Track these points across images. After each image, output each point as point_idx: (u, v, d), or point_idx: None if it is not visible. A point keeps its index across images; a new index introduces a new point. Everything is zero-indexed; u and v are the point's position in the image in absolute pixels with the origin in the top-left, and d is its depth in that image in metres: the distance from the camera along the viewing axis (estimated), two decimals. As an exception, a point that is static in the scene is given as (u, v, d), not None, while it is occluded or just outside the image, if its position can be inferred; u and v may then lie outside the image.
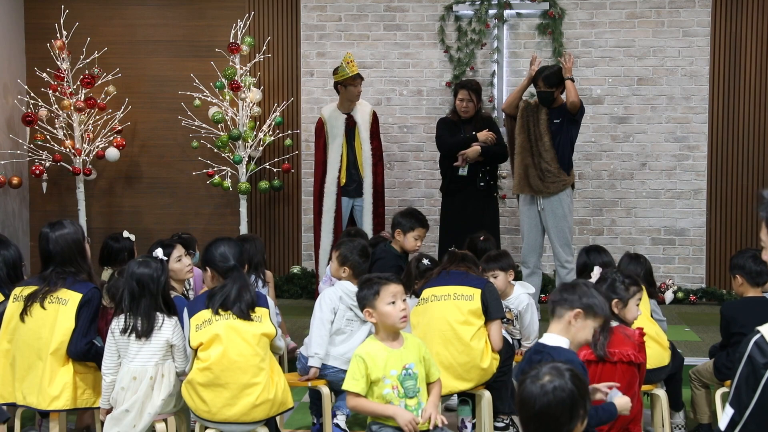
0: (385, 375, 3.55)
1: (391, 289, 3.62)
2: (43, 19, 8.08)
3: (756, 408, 2.19)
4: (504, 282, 5.00)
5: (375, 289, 3.63)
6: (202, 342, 3.90)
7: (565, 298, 3.29)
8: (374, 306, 3.62)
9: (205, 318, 3.96)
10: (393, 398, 3.56)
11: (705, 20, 7.77)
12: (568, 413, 2.41)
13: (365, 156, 7.10)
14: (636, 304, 3.98)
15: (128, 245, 5.44)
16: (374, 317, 3.64)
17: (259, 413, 3.90)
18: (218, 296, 3.98)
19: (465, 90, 6.76)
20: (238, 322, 3.94)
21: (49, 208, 8.25)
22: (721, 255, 7.86)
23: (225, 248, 4.15)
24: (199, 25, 8.16)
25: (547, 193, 6.44)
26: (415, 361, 3.63)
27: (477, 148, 6.67)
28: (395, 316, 3.60)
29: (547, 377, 2.44)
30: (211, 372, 3.87)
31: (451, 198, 6.91)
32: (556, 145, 6.44)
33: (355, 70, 6.97)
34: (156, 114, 8.19)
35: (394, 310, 3.60)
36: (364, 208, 7.11)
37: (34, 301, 4.16)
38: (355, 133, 7.12)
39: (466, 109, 6.76)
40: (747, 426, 2.20)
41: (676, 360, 4.69)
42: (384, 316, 3.60)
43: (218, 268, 4.11)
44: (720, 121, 7.82)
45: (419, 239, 5.59)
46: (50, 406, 4.11)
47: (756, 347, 2.23)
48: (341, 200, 7.13)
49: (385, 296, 3.60)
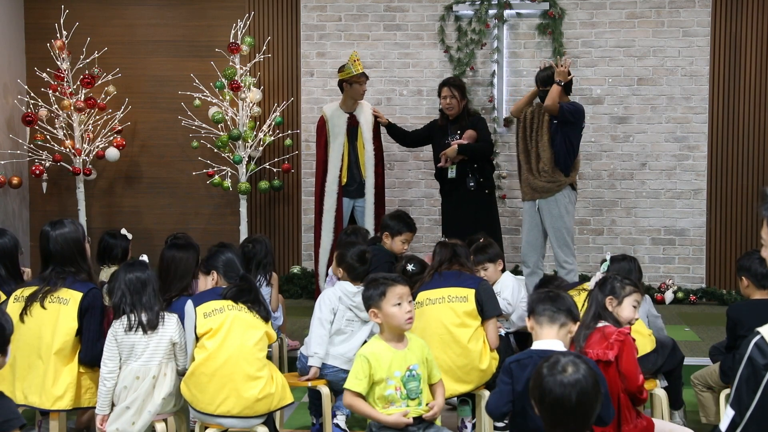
0: (389, 376, 3.56)
1: (398, 291, 3.63)
2: (43, 19, 8.08)
3: (757, 409, 2.19)
4: (495, 273, 5.18)
5: (381, 289, 3.63)
6: (212, 328, 3.94)
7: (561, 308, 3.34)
8: (380, 307, 3.62)
9: (217, 306, 4.00)
10: (395, 399, 3.57)
11: (705, 20, 7.78)
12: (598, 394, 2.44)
13: (368, 156, 7.04)
14: (632, 305, 3.95)
15: (123, 243, 5.43)
16: (379, 318, 3.64)
17: (261, 407, 3.92)
18: (233, 290, 4.05)
19: (447, 87, 6.77)
20: (248, 315, 4.00)
21: (49, 208, 8.26)
22: (721, 255, 7.87)
23: (232, 255, 4.29)
24: (199, 25, 8.16)
25: (543, 192, 6.43)
26: (418, 362, 3.64)
27: (454, 147, 6.66)
28: (401, 317, 3.60)
29: (570, 368, 2.45)
30: (216, 360, 3.88)
31: (446, 200, 6.96)
32: (552, 145, 6.43)
33: (361, 68, 6.96)
34: (156, 114, 8.20)
35: (400, 312, 3.60)
36: (366, 209, 7.06)
37: (34, 301, 4.17)
38: (358, 132, 7.07)
39: (449, 105, 6.75)
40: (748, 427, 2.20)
41: (675, 356, 4.68)
42: (389, 317, 3.60)
43: (226, 274, 4.20)
44: (720, 121, 7.83)
45: (406, 242, 5.65)
46: (54, 406, 4.12)
47: (756, 348, 2.23)
48: (342, 200, 7.08)
49: (391, 297, 3.61)
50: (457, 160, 6.69)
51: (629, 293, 3.95)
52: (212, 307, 4.00)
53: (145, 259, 4.24)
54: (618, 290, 3.93)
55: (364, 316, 4.51)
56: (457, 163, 6.71)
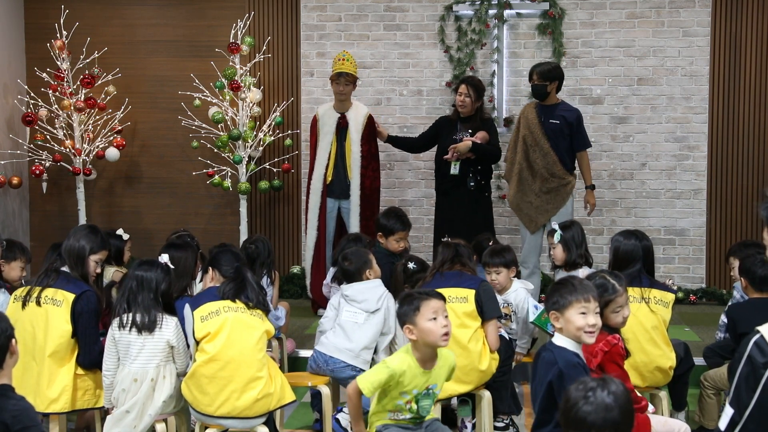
0: (406, 391, 3.53)
1: (432, 305, 3.53)
2: (43, 19, 8.08)
3: (756, 408, 2.19)
4: (506, 279, 5.04)
5: (415, 304, 3.53)
6: (210, 332, 3.91)
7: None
8: (414, 322, 3.51)
9: (213, 309, 3.97)
10: (402, 409, 3.56)
11: (705, 20, 7.77)
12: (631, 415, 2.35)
13: (354, 157, 6.96)
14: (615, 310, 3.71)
15: (117, 243, 5.39)
16: (414, 334, 3.52)
17: (260, 407, 3.91)
18: (228, 286, 4.04)
19: (464, 84, 6.79)
20: (245, 316, 3.98)
21: (49, 208, 8.26)
22: (721, 255, 7.86)
23: (229, 250, 4.30)
24: (199, 25, 8.16)
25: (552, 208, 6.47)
26: (439, 382, 3.61)
27: (468, 143, 6.65)
28: (437, 332, 3.50)
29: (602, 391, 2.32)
30: (217, 363, 3.86)
31: (443, 197, 6.92)
32: (554, 146, 6.45)
33: (341, 68, 6.90)
34: (156, 114, 8.19)
35: (436, 327, 3.50)
36: (351, 210, 6.98)
37: (30, 300, 4.15)
38: (347, 133, 7.04)
39: (463, 103, 6.75)
40: (747, 426, 2.20)
41: (686, 362, 4.67)
42: (425, 333, 3.50)
43: (223, 270, 4.19)
44: (720, 121, 7.82)
45: (402, 240, 5.62)
46: (48, 409, 4.10)
47: (756, 347, 2.23)
48: (326, 200, 7.03)
49: (426, 312, 3.51)
50: (464, 158, 6.68)
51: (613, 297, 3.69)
52: (209, 309, 3.97)
53: (162, 260, 4.20)
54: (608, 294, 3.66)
55: (365, 306, 4.54)
56: (461, 161, 6.69)
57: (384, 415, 3.59)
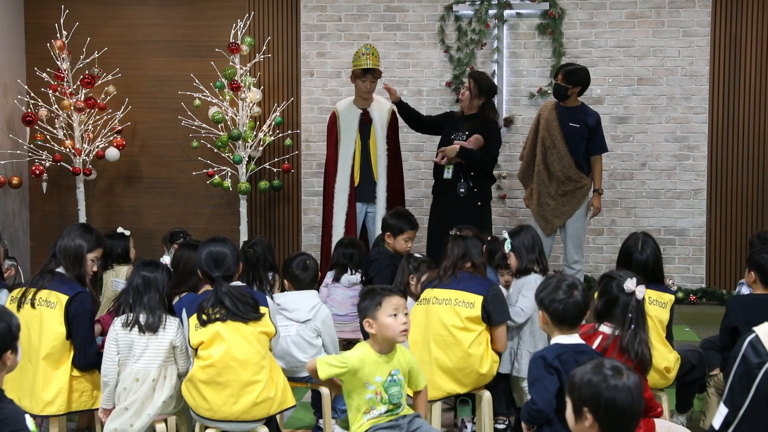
0: (369, 381, 3.55)
1: (394, 302, 3.58)
2: (43, 19, 8.09)
3: (749, 408, 2.19)
4: None
5: (378, 299, 3.58)
6: (203, 341, 3.88)
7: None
8: (375, 317, 3.57)
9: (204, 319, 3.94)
10: (376, 403, 3.56)
11: (705, 20, 7.77)
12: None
13: (380, 155, 6.64)
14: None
15: (122, 241, 5.39)
16: (374, 328, 3.58)
17: (259, 411, 3.89)
18: (205, 303, 3.90)
19: (469, 78, 6.56)
20: (236, 322, 3.92)
21: (49, 208, 8.27)
22: (721, 255, 7.86)
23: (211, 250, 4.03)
24: (199, 25, 8.16)
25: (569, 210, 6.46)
26: (400, 368, 3.63)
27: (455, 147, 6.38)
28: (396, 328, 3.56)
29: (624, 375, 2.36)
30: (213, 369, 3.84)
31: (436, 200, 6.69)
32: (571, 149, 6.40)
33: (368, 64, 6.57)
34: (156, 114, 8.20)
35: (395, 323, 3.56)
36: (377, 215, 6.59)
37: (24, 302, 4.14)
38: (371, 130, 6.70)
39: (462, 96, 6.58)
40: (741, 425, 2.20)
41: (700, 370, 4.64)
42: (384, 328, 3.56)
43: (205, 272, 4.04)
44: (720, 121, 7.82)
45: (409, 240, 5.50)
46: (43, 411, 4.08)
47: (750, 347, 2.23)
48: (355, 204, 6.67)
49: (388, 308, 3.56)
50: (454, 162, 6.44)
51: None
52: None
53: (163, 261, 4.19)
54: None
55: (295, 316, 4.47)
56: (454, 165, 6.44)
57: (361, 419, 3.58)
